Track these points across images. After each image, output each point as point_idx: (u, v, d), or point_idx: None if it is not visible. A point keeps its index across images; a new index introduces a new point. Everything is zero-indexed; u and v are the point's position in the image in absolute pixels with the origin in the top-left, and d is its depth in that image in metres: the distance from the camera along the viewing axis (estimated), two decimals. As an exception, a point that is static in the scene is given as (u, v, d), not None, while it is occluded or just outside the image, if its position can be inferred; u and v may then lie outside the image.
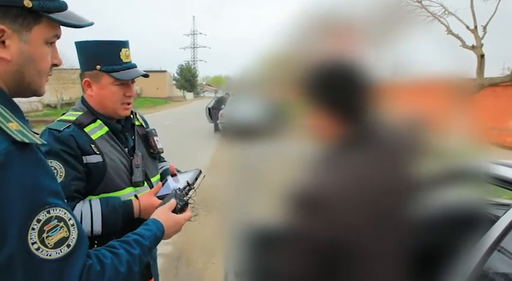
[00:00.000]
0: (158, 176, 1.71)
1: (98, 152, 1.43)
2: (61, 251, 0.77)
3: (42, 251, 0.75)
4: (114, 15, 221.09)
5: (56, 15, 0.85)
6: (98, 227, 1.35)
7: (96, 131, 1.48)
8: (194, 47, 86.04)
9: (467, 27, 10.90)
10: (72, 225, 0.81)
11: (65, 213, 0.80)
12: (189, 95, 66.04)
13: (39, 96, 0.92)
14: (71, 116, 1.47)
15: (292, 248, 0.96)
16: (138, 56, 1.59)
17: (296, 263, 0.95)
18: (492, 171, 1.40)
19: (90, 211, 1.35)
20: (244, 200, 1.56)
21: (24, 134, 0.76)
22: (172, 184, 1.56)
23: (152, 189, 1.52)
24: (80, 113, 1.49)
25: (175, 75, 63.70)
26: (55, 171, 1.31)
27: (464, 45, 10.94)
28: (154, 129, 1.76)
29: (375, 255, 0.97)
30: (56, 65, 0.91)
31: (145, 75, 1.58)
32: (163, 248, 3.81)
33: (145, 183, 1.58)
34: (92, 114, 1.50)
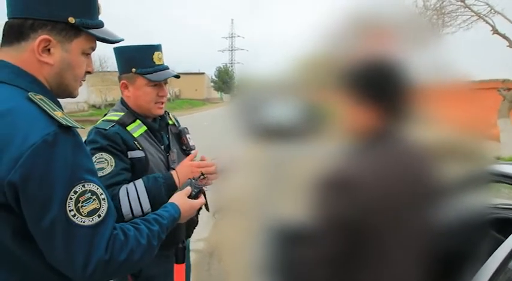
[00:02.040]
0: None
1: (140, 148, 1.57)
2: (93, 220, 0.91)
3: (77, 217, 0.89)
4: (153, 20, 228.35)
5: (93, 31, 1.02)
6: (146, 204, 1.47)
7: (137, 129, 1.62)
8: (232, 50, 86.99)
9: (515, 26, 10.34)
10: (103, 199, 0.94)
11: (97, 188, 0.93)
12: (226, 97, 66.83)
13: (73, 97, 1.09)
14: (114, 116, 1.62)
15: (321, 236, 1.00)
16: (176, 58, 1.70)
17: (324, 252, 0.99)
18: None
19: (135, 190, 1.48)
20: (274, 199, 1.61)
21: (68, 120, 0.92)
22: None
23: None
24: (121, 113, 1.63)
25: (213, 77, 64.81)
26: (106, 162, 1.47)
27: (511, 45, 10.40)
28: (186, 128, 1.88)
29: (395, 248, 1.00)
30: (89, 73, 1.08)
31: (177, 76, 1.71)
32: (196, 244, 3.94)
33: (180, 178, 1.69)
34: (132, 114, 1.64)
